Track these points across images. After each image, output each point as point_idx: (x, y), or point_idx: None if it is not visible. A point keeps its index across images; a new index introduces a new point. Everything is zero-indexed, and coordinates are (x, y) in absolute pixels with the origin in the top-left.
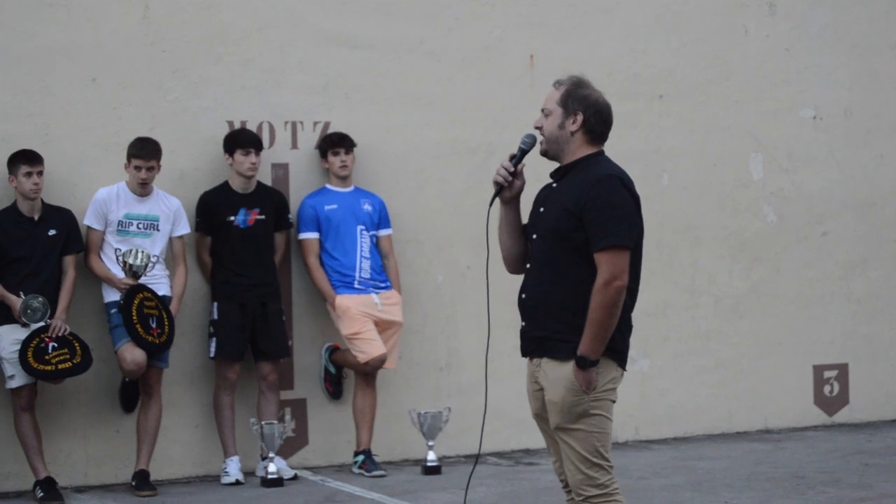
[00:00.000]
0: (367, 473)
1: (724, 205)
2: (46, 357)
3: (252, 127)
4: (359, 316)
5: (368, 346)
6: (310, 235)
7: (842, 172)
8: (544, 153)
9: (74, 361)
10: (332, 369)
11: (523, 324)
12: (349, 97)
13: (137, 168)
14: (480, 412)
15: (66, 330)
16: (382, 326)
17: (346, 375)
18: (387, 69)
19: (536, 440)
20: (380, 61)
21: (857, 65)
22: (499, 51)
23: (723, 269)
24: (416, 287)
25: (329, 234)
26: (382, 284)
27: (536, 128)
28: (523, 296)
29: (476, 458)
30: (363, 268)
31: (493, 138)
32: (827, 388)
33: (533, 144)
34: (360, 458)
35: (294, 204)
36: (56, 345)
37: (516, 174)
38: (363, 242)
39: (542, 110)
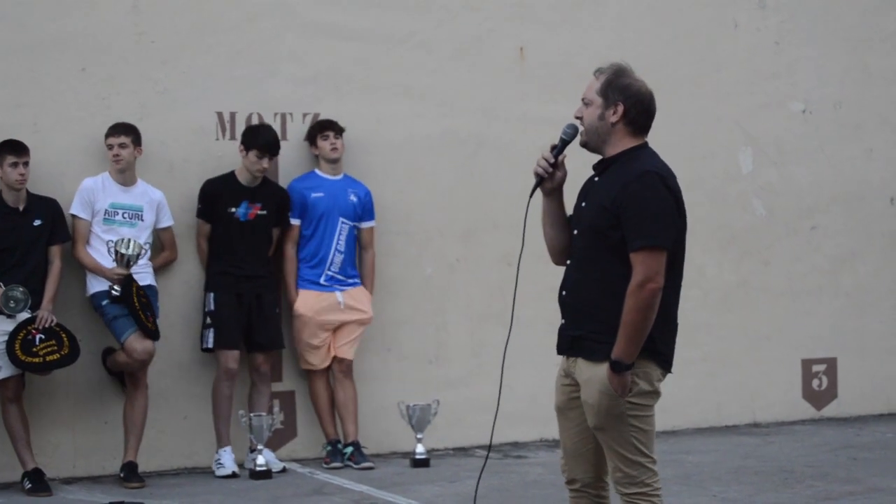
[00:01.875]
0: (355, 465)
1: (713, 198)
2: (34, 349)
3: (241, 118)
4: (309, 324)
5: (311, 356)
6: (293, 221)
7: (831, 166)
8: (584, 144)
9: (62, 353)
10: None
11: (563, 321)
12: (339, 88)
13: (110, 146)
14: (469, 405)
15: (52, 321)
16: (348, 322)
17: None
18: (377, 61)
19: (525, 433)
20: (370, 53)
21: (847, 58)
22: (489, 42)
23: (712, 263)
24: (405, 279)
25: (311, 221)
26: (350, 281)
27: (577, 118)
28: (563, 293)
29: (488, 449)
30: (334, 262)
31: (483, 130)
32: (815, 383)
33: (574, 135)
34: (349, 449)
35: None
36: (43, 336)
37: (557, 165)
38: (341, 235)
39: (583, 99)
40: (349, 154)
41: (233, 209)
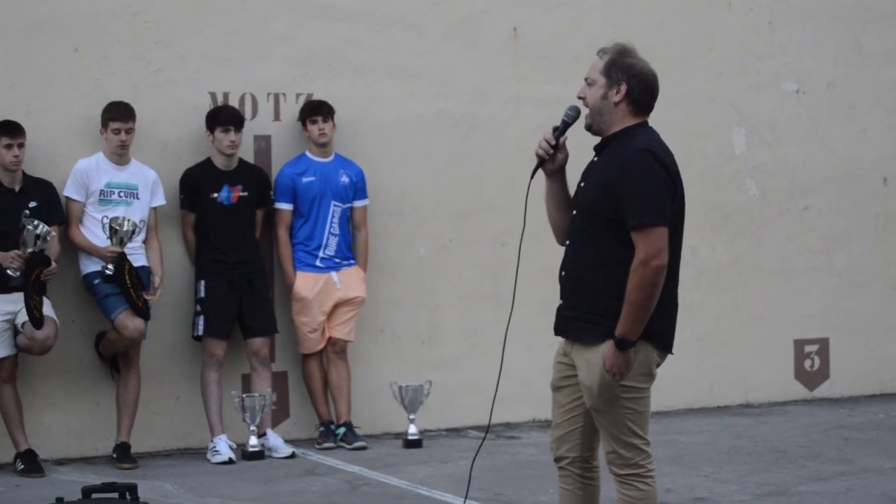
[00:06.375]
0: (348, 446)
1: (706, 178)
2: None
3: (234, 98)
4: (311, 306)
5: (305, 340)
6: (284, 206)
7: (824, 146)
8: (588, 127)
9: (37, 314)
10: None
11: (561, 301)
12: (332, 69)
13: (116, 131)
14: (461, 386)
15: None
16: (342, 303)
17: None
18: (370, 41)
19: (517, 414)
20: (363, 33)
21: (840, 38)
22: (482, 23)
23: (705, 243)
24: (398, 260)
25: (303, 206)
26: (345, 262)
27: (580, 98)
28: (562, 273)
29: (486, 430)
30: (329, 244)
31: (476, 110)
32: (808, 363)
33: (576, 116)
34: (342, 430)
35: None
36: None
37: (558, 147)
38: (334, 218)
39: (586, 79)
40: (342, 135)
41: (215, 195)
